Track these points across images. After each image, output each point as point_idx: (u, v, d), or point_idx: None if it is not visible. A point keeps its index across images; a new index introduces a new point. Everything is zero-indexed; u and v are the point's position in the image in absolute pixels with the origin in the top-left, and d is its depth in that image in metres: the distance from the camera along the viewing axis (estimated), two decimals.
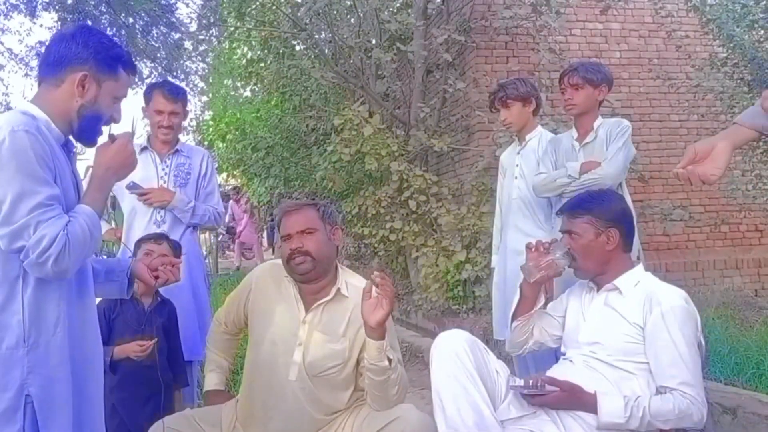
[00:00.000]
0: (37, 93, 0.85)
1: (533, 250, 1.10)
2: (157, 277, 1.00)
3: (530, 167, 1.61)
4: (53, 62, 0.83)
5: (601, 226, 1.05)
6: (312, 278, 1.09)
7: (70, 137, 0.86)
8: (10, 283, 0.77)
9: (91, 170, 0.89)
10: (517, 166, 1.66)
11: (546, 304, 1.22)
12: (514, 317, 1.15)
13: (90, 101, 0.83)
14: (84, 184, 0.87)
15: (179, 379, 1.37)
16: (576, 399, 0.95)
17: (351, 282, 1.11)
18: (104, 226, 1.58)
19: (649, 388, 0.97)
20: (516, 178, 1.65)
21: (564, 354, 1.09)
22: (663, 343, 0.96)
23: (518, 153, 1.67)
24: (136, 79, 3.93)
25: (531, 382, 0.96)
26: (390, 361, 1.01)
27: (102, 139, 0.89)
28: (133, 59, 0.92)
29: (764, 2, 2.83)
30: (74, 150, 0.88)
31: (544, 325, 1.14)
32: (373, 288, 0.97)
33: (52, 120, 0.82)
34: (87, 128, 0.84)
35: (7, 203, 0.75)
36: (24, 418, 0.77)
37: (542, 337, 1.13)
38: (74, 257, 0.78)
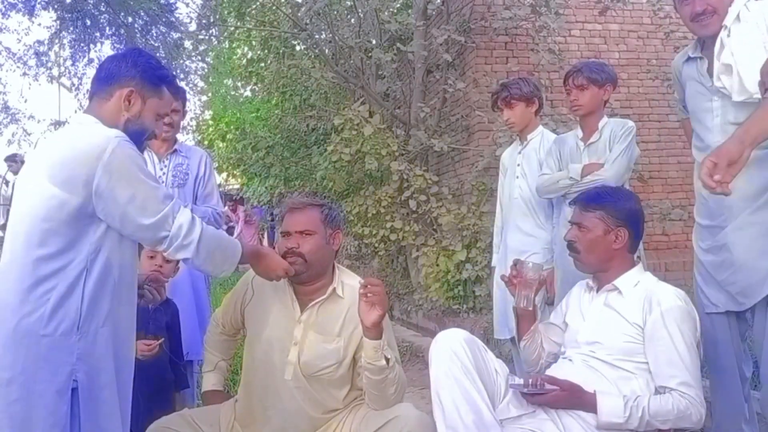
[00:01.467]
0: (89, 106, 0.94)
1: (506, 280, 1.11)
2: (141, 296, 1.05)
3: (531, 167, 1.61)
4: (104, 78, 0.92)
5: (612, 224, 1.04)
6: (304, 280, 1.09)
7: None
8: (76, 274, 0.83)
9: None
10: (518, 165, 1.66)
11: (550, 302, 1.22)
12: (519, 338, 1.15)
13: (135, 115, 0.91)
14: None
15: (179, 380, 1.38)
16: (575, 398, 0.95)
17: (347, 282, 1.11)
18: None
19: (648, 388, 0.97)
20: (517, 177, 1.65)
21: (563, 353, 1.09)
22: (662, 343, 0.96)
23: (519, 152, 1.67)
24: None
25: (531, 380, 0.96)
26: (387, 360, 1.01)
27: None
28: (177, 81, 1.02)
29: None
30: None
31: (551, 335, 1.14)
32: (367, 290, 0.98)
33: None
34: (132, 141, 0.91)
35: (142, 198, 0.84)
36: (70, 402, 0.82)
37: (553, 348, 1.13)
38: (208, 250, 0.89)
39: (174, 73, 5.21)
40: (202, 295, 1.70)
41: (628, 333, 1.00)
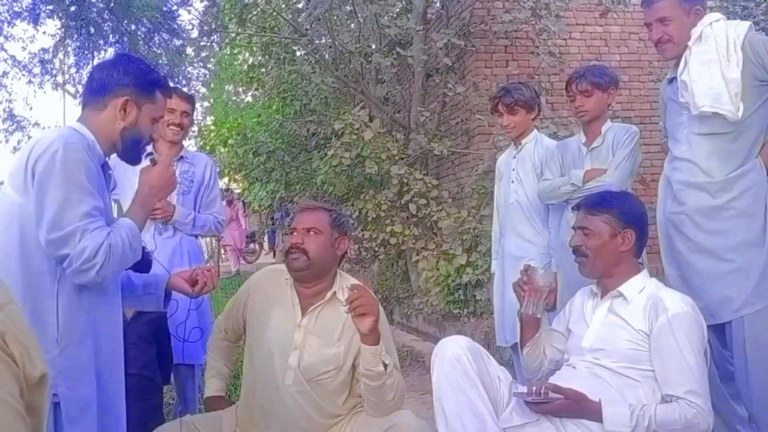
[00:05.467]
0: (81, 115, 0.91)
1: (516, 289, 1.10)
2: (196, 283, 1.01)
3: (526, 171, 1.61)
4: (96, 89, 0.90)
5: (618, 227, 1.03)
6: (305, 278, 1.09)
7: (110, 158, 0.93)
8: (47, 287, 0.81)
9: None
10: (513, 170, 1.66)
11: (553, 311, 1.20)
12: (522, 345, 1.14)
13: (131, 123, 0.90)
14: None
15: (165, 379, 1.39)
16: (580, 407, 0.93)
17: (348, 287, 1.10)
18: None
19: (654, 397, 0.95)
20: (513, 182, 1.65)
21: (567, 361, 1.07)
22: (669, 350, 0.94)
23: (514, 157, 1.67)
24: None
25: (534, 389, 0.94)
26: (385, 366, 1.00)
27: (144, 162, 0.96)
28: (169, 82, 1.00)
29: (765, 4, 2.83)
30: (110, 172, 0.95)
31: (553, 342, 1.12)
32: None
33: (97, 141, 0.89)
34: (131, 148, 0.91)
35: (56, 209, 0.80)
36: (51, 416, 0.80)
37: (555, 354, 1.12)
38: (115, 267, 0.83)
39: (177, 79, 5.31)
40: (203, 300, 1.70)
41: (634, 340, 0.98)
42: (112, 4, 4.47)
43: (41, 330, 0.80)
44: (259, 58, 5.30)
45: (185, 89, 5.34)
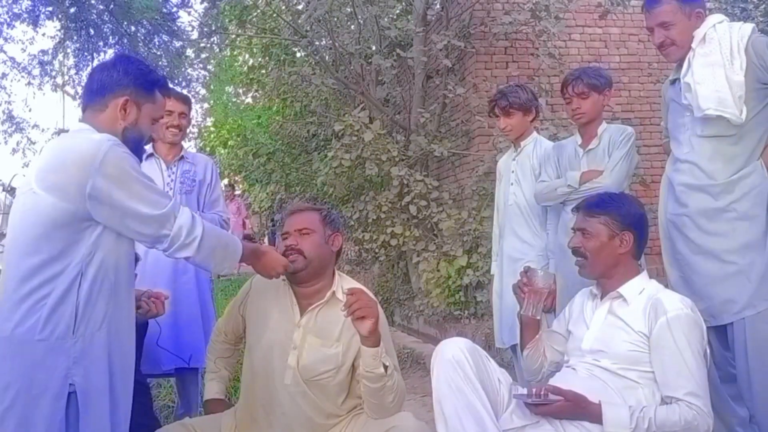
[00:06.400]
0: (83, 117, 0.93)
1: (516, 290, 1.10)
2: (138, 307, 1.05)
3: (525, 173, 1.62)
4: (97, 90, 0.92)
5: (617, 229, 1.03)
6: (304, 278, 1.09)
7: None
8: (71, 278, 0.83)
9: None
10: (512, 172, 1.66)
11: (551, 312, 1.21)
12: (523, 347, 1.14)
13: (132, 123, 0.92)
14: None
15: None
16: (580, 409, 0.93)
17: (347, 287, 1.11)
18: None
19: (654, 398, 0.96)
20: (512, 184, 1.65)
21: (567, 362, 1.08)
22: (669, 352, 0.94)
23: (514, 159, 1.68)
24: None
25: (535, 391, 0.95)
26: (386, 368, 1.00)
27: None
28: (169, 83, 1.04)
29: (764, 5, 2.84)
30: None
31: (553, 343, 1.13)
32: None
33: None
34: (132, 148, 0.92)
35: (140, 195, 0.85)
36: (67, 406, 0.82)
37: (555, 356, 1.12)
38: (210, 248, 0.90)
39: (177, 80, 5.34)
40: (206, 303, 1.71)
41: (633, 341, 0.98)
42: (112, 6, 4.48)
43: (57, 319, 0.82)
44: (259, 59, 5.31)
45: (185, 91, 5.37)
